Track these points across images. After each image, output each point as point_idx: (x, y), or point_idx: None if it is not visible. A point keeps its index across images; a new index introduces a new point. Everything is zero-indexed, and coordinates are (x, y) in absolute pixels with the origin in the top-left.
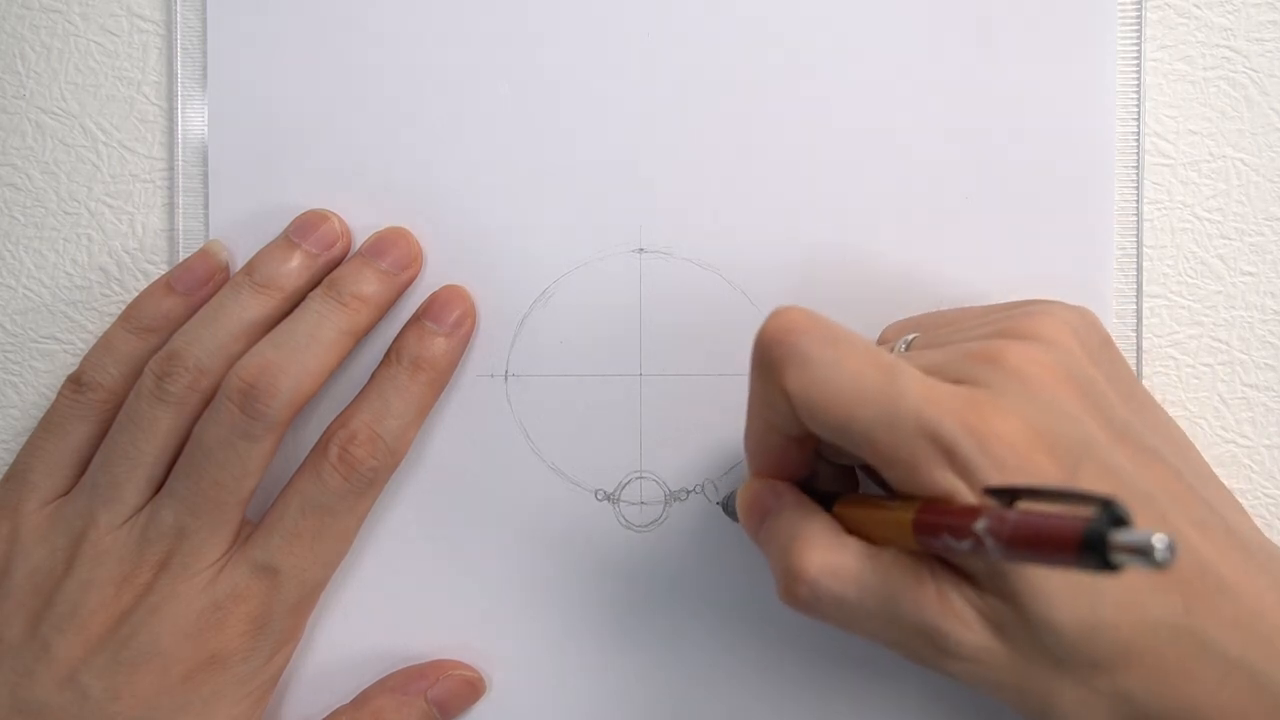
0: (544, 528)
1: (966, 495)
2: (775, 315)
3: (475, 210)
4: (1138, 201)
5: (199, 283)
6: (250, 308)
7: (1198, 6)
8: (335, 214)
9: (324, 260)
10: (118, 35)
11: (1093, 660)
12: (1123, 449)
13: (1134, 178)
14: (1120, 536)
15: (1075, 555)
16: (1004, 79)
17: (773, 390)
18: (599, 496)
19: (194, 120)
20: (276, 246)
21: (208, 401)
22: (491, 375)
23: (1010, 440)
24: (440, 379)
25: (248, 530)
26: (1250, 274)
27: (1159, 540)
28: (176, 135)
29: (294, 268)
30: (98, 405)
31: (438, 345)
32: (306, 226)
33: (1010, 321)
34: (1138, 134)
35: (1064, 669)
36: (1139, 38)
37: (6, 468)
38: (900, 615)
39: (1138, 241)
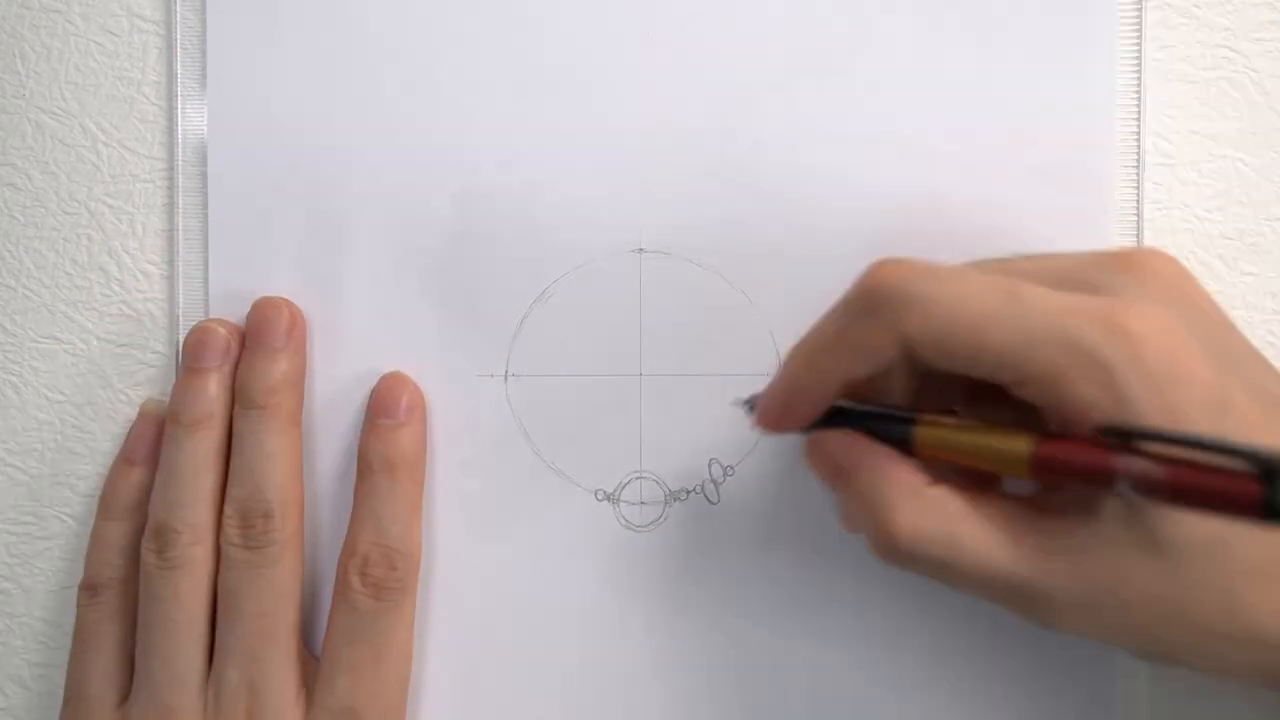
0: (544, 528)
1: (1112, 411)
2: (878, 266)
3: (475, 210)
4: (1138, 201)
5: (152, 446)
6: (196, 450)
7: (1198, 6)
8: (215, 321)
9: (229, 366)
10: (118, 35)
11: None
12: (1263, 371)
13: (1134, 178)
14: None
15: (1253, 512)
16: (1004, 79)
17: (880, 334)
18: (599, 496)
19: (194, 120)
20: (185, 382)
21: (212, 551)
22: (491, 375)
23: (1158, 346)
24: (416, 469)
25: (313, 668)
26: (1250, 274)
27: None
28: (176, 135)
29: (212, 394)
30: (117, 601)
31: (401, 438)
32: (198, 348)
33: (1117, 253)
34: (1138, 134)
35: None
36: (1139, 38)
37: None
38: (997, 576)
39: (1138, 241)
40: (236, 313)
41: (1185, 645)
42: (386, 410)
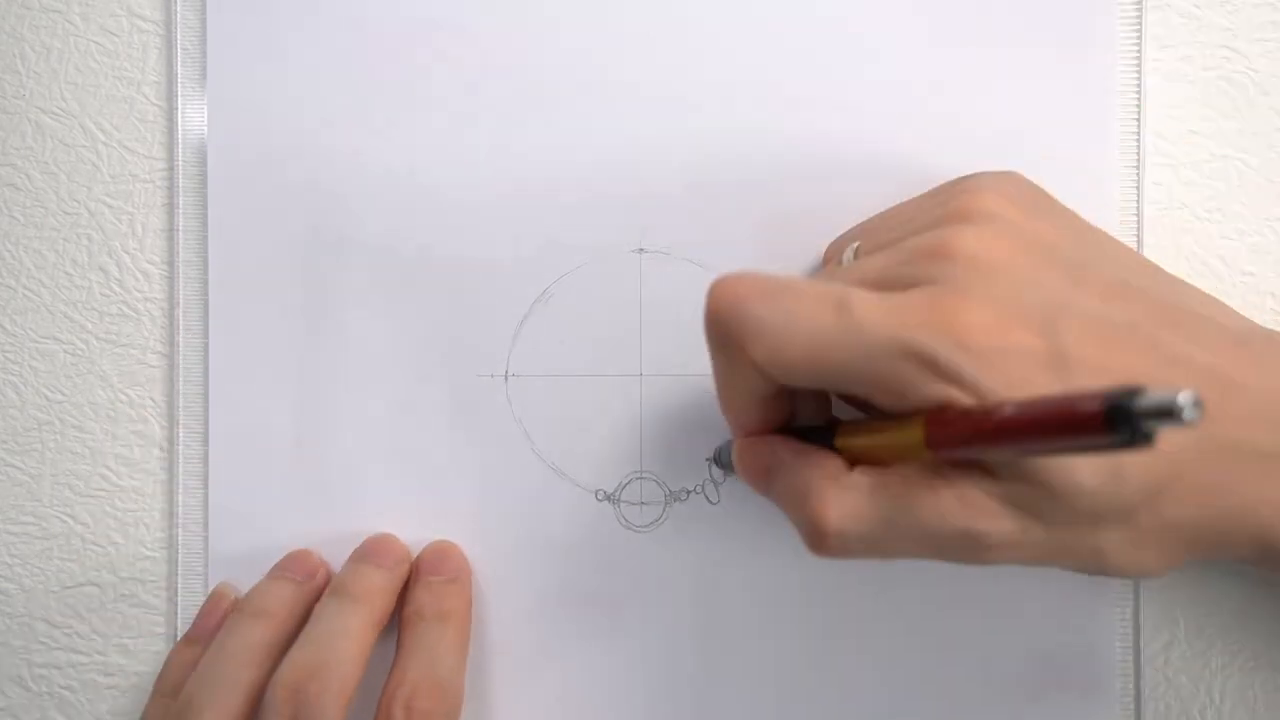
0: (544, 528)
1: (962, 398)
2: (714, 290)
3: (476, 210)
4: (1138, 201)
5: (216, 629)
6: (251, 634)
7: (1198, 6)
8: (315, 550)
9: (310, 587)
10: (118, 35)
11: (1128, 506)
12: (1090, 292)
13: (1134, 178)
14: (1144, 402)
15: (1103, 435)
16: (1004, 79)
17: (739, 363)
18: (599, 496)
19: (194, 120)
20: (263, 581)
21: None
22: (491, 375)
23: (982, 328)
24: (465, 622)
25: None
26: (1250, 274)
27: (1185, 398)
28: (176, 135)
29: (286, 594)
30: None
31: (452, 592)
32: (289, 562)
33: (945, 207)
34: (1138, 134)
35: (1103, 522)
36: (1139, 38)
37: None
38: (929, 531)
39: (1138, 241)
40: (236, 313)
41: (1101, 560)
42: (436, 569)
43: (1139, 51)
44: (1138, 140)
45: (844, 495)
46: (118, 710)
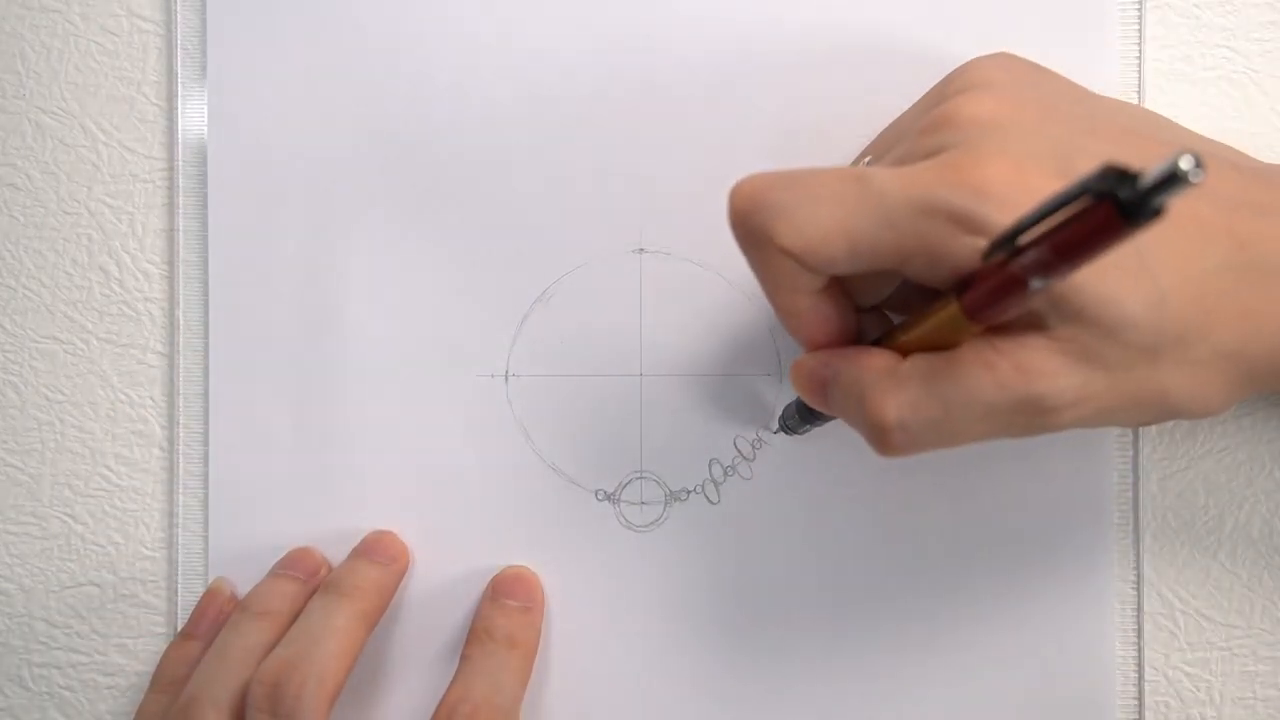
0: (544, 528)
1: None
2: (734, 192)
3: (476, 210)
4: None
5: (214, 624)
6: (252, 634)
7: (1198, 6)
8: (316, 548)
9: (312, 585)
10: (118, 35)
11: (1179, 335)
12: (1098, 139)
13: None
14: (1147, 178)
15: (1122, 222)
16: None
17: (772, 256)
18: (599, 496)
19: (194, 120)
20: (266, 580)
21: None
22: (491, 375)
23: (1001, 179)
24: (532, 654)
25: None
26: None
27: (1184, 160)
28: (176, 135)
29: (287, 592)
30: None
31: (527, 621)
32: (291, 559)
33: (942, 93)
34: None
35: (1159, 358)
36: (1139, 38)
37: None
38: (991, 406)
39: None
40: (236, 313)
41: (1166, 402)
42: (514, 593)
43: (1139, 51)
44: None
45: (899, 386)
46: (117, 710)
